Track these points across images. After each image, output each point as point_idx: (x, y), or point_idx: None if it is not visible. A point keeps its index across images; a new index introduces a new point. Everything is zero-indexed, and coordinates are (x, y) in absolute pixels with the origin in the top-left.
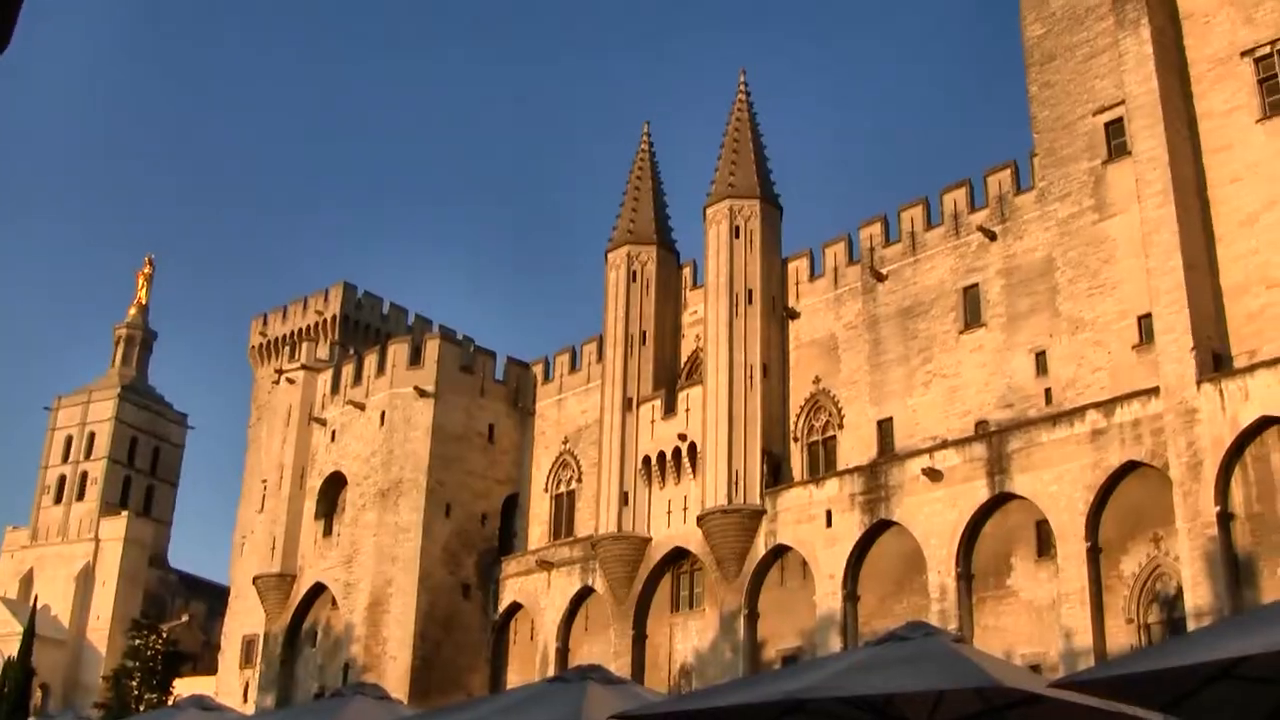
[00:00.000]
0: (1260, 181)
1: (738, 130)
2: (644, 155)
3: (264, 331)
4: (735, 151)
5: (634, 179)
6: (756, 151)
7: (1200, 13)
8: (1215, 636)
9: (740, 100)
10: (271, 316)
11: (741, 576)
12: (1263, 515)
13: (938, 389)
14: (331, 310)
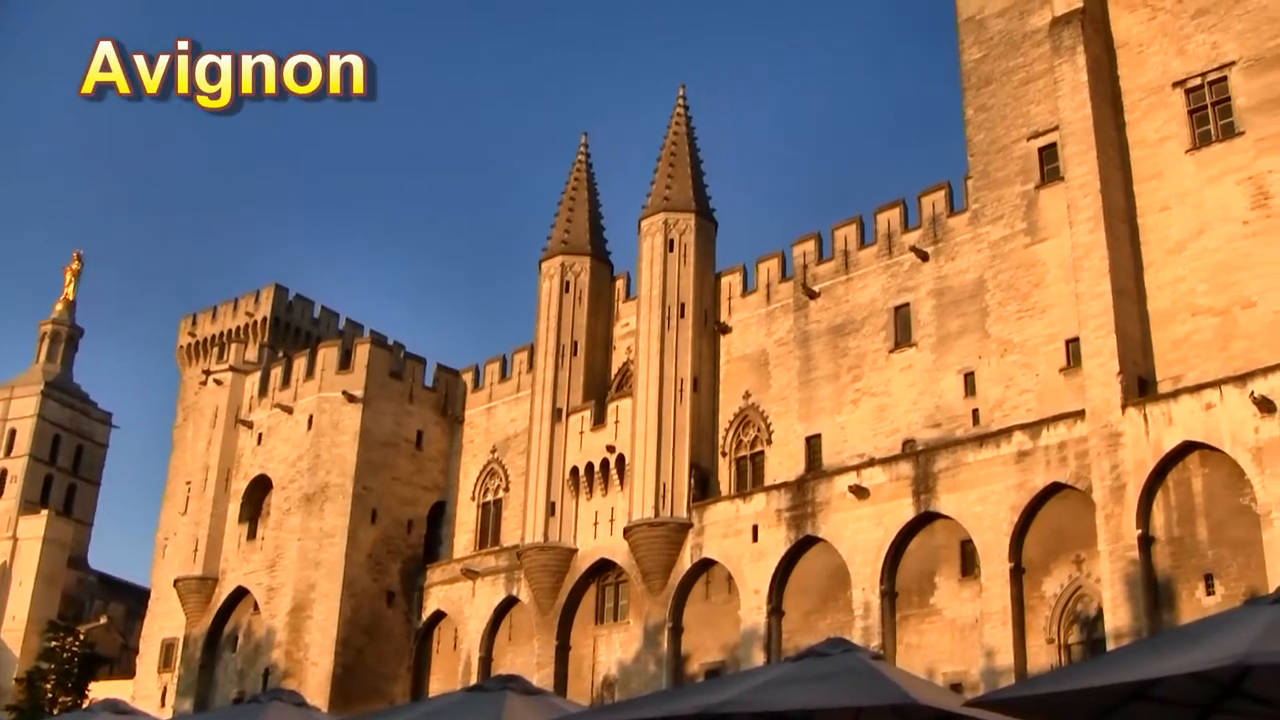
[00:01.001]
0: (1189, 210)
1: (675, 144)
2: (580, 166)
3: (193, 332)
4: (672, 165)
5: (570, 189)
6: (693, 165)
7: (1135, 43)
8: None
9: (679, 114)
10: (201, 317)
11: (667, 590)
12: (1182, 539)
13: (866, 407)
14: (262, 312)
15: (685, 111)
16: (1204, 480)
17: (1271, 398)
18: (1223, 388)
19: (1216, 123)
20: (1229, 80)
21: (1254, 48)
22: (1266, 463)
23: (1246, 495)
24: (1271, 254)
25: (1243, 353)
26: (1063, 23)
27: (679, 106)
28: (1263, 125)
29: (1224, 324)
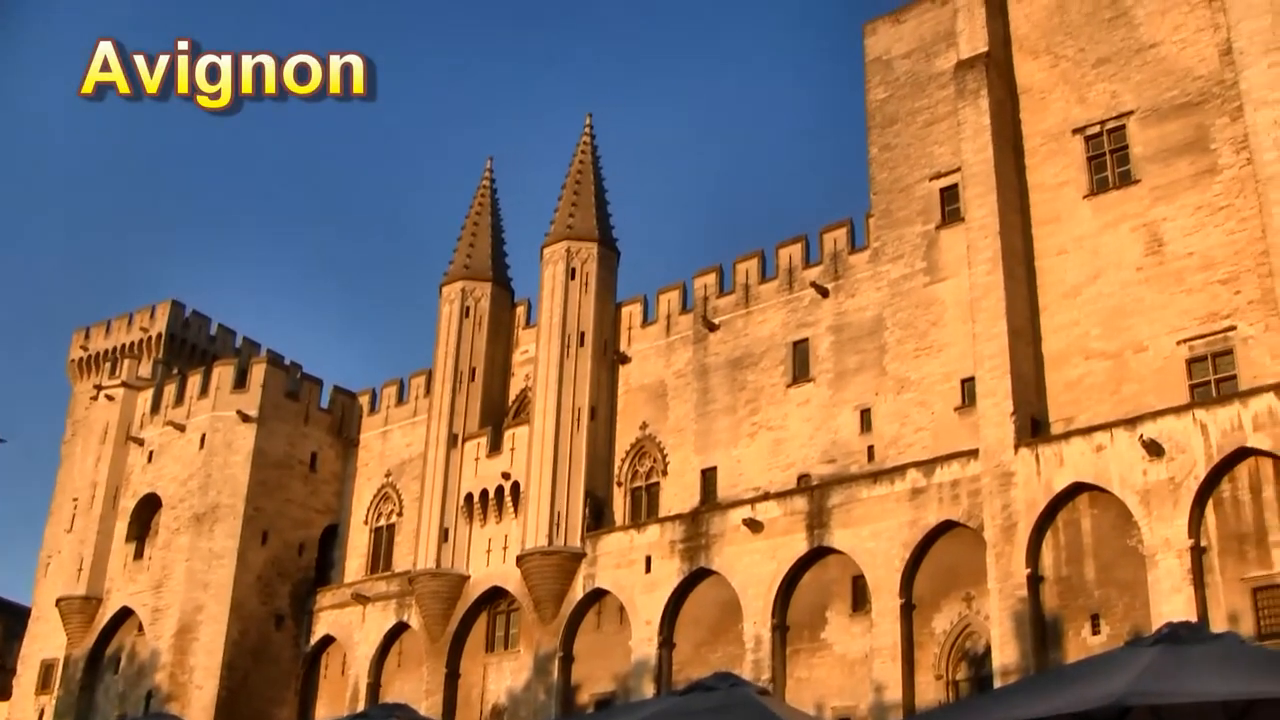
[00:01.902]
0: (1085, 255)
1: (580, 173)
2: (485, 191)
3: (85, 345)
4: (576, 194)
5: (473, 214)
6: (597, 195)
7: (1037, 89)
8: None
9: (585, 143)
10: (94, 330)
11: (558, 619)
12: (1070, 578)
13: (763, 441)
14: (157, 328)
15: (592, 140)
16: (1093, 521)
17: (1160, 441)
18: (1113, 430)
19: (1114, 170)
20: (1127, 129)
21: (1151, 98)
22: (1153, 505)
23: (1133, 537)
24: (1163, 300)
25: (1133, 396)
26: (967, 66)
27: (585, 135)
28: (1158, 174)
29: (1116, 367)
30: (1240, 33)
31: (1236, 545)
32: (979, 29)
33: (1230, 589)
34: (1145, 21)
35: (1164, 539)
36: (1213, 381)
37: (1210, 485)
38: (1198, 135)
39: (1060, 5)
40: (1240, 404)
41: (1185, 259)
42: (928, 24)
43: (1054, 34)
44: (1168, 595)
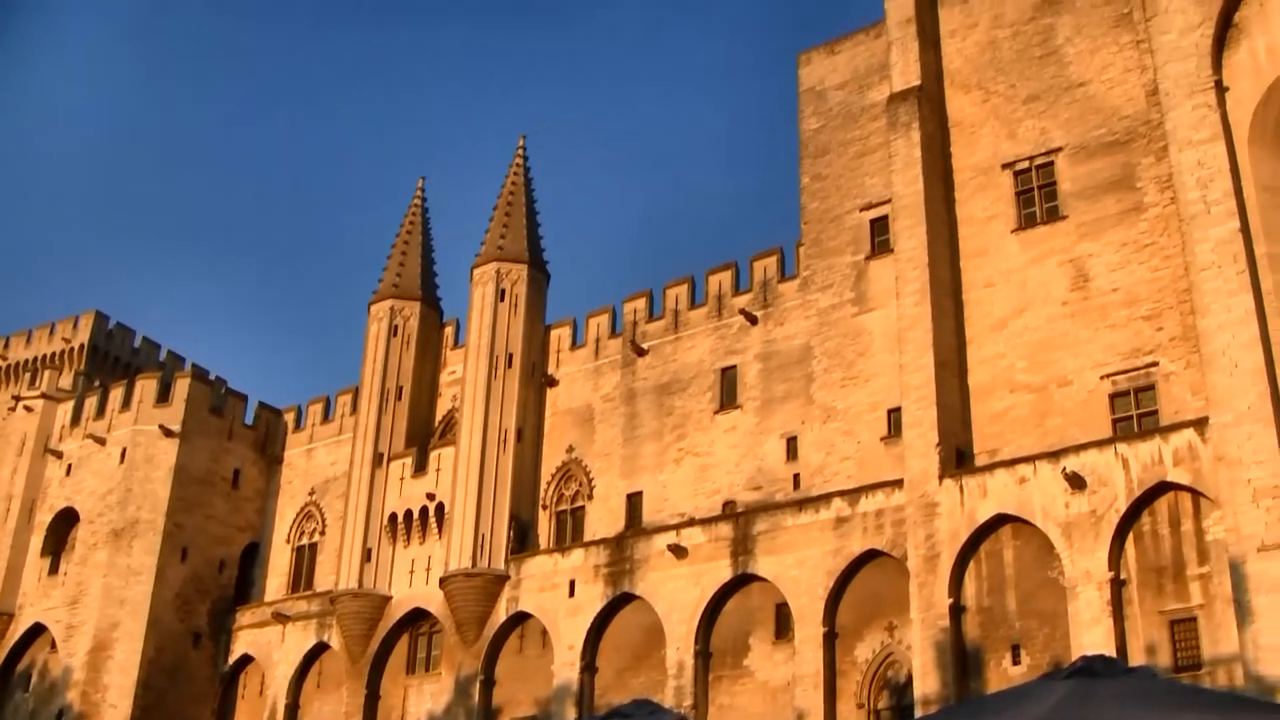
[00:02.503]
0: (1012, 289)
1: (512, 194)
2: (416, 210)
3: (4, 355)
4: (507, 215)
5: (404, 233)
6: (529, 217)
7: (968, 123)
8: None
9: (518, 164)
10: (14, 340)
11: (481, 641)
12: (992, 609)
13: (689, 466)
14: (80, 339)
15: (524, 162)
16: (1015, 552)
17: (1082, 474)
18: (1036, 463)
19: (1042, 205)
20: (1055, 165)
21: (1079, 136)
22: (1075, 537)
23: (1055, 568)
24: (1088, 335)
25: (1057, 430)
26: (900, 99)
27: (518, 156)
28: (1085, 210)
29: (1040, 401)
30: (1166, 74)
31: (1155, 578)
32: (912, 62)
33: (1148, 621)
34: (1075, 60)
35: (1084, 571)
36: (1135, 416)
37: (1130, 518)
38: (1124, 173)
39: (992, 42)
40: (1161, 439)
41: (1110, 295)
42: (861, 56)
43: (986, 70)
44: (1087, 627)
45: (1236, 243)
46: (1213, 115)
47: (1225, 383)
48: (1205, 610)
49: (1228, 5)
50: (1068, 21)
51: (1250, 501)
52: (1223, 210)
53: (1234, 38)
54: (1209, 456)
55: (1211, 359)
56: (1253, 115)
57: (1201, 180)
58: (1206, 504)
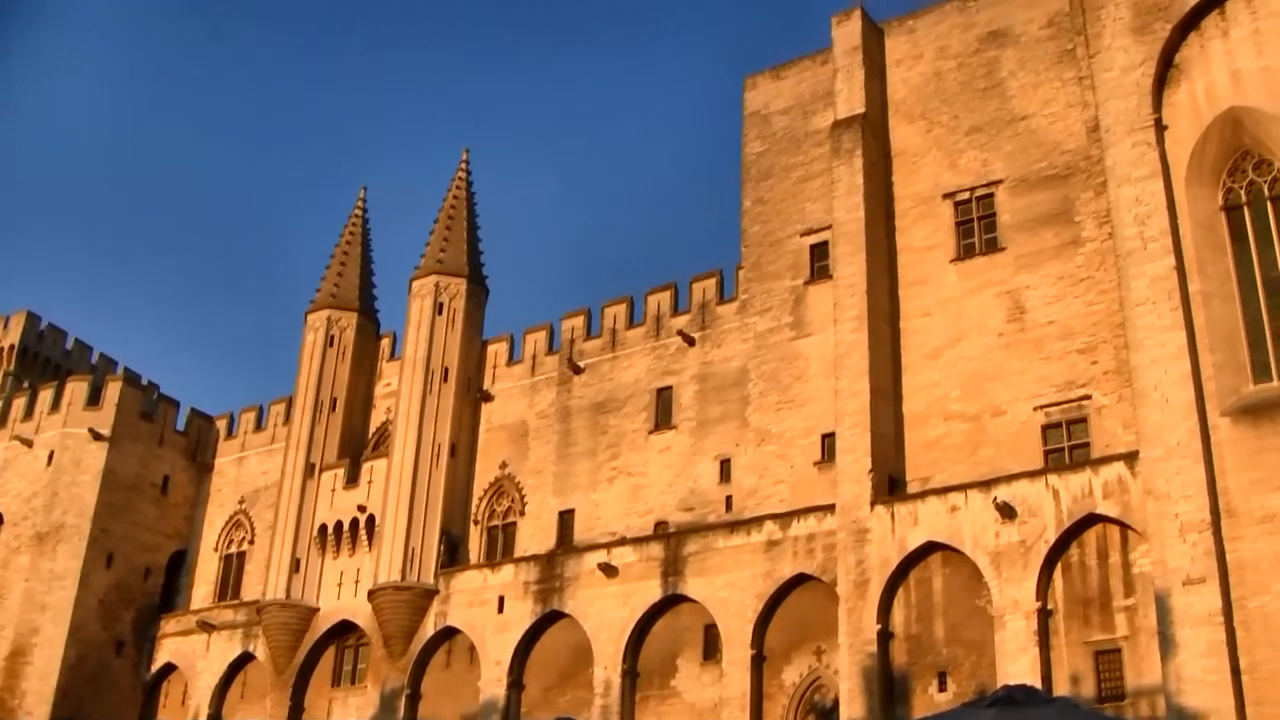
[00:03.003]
0: (948, 318)
1: (454, 207)
2: (357, 219)
3: None
4: (448, 228)
5: (344, 243)
6: (470, 230)
7: (911, 152)
8: None
9: (460, 178)
10: None
11: (408, 655)
12: (920, 636)
13: (622, 486)
14: (10, 339)
15: (467, 175)
16: (944, 580)
17: (1013, 504)
18: (968, 492)
19: (981, 236)
20: (996, 197)
21: (1020, 168)
22: (1004, 567)
23: (983, 597)
24: (1022, 366)
25: (989, 459)
26: (844, 126)
27: (461, 170)
28: (1023, 242)
29: (974, 430)
30: (1107, 111)
31: (1081, 609)
32: (857, 90)
33: (1074, 651)
34: (1018, 94)
35: (1012, 600)
36: (1066, 448)
37: (1059, 549)
38: (1063, 207)
39: (937, 73)
40: (1092, 471)
41: (1046, 327)
42: (807, 82)
43: (930, 100)
44: (1014, 656)
45: (1171, 279)
46: (1152, 153)
47: (1156, 417)
48: (1130, 642)
49: (1169, 45)
50: (1012, 55)
51: (1177, 535)
52: (1159, 247)
53: (1174, 77)
54: (1138, 490)
55: (1143, 394)
56: (1190, 154)
57: (1139, 216)
58: (1134, 537)
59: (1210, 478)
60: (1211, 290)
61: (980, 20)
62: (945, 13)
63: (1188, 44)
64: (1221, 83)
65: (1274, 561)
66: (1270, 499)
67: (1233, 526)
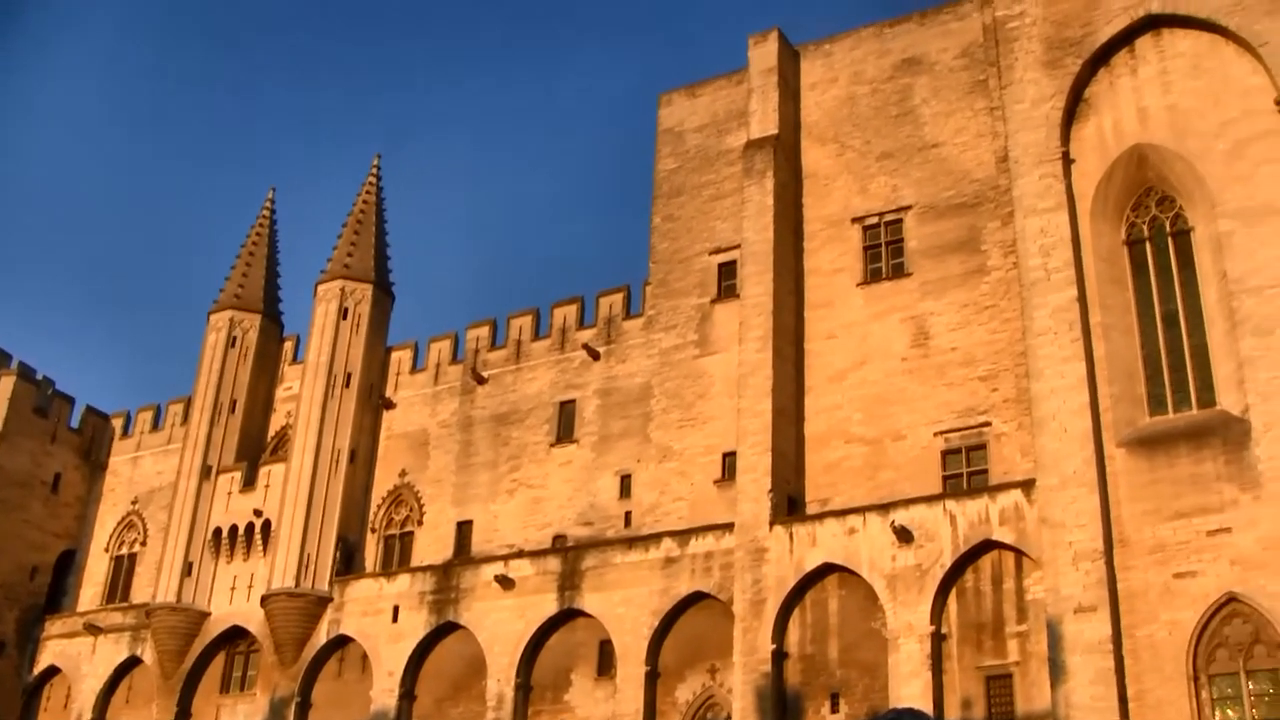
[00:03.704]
0: (853, 341)
1: (363, 213)
2: (264, 221)
3: None
4: (356, 233)
5: (250, 244)
6: (378, 236)
7: (822, 175)
8: None
9: (371, 183)
10: None
11: (299, 663)
12: (814, 657)
13: (521, 498)
14: None
15: (378, 181)
16: (840, 601)
17: (910, 528)
18: (866, 515)
19: (888, 261)
20: (904, 223)
21: (930, 196)
22: (899, 590)
23: (878, 620)
24: (924, 391)
25: (888, 483)
26: (756, 146)
27: (372, 175)
28: (929, 269)
29: (874, 453)
30: (1016, 142)
31: (975, 634)
32: (771, 111)
33: (966, 676)
34: (930, 122)
35: (907, 624)
36: (965, 474)
37: (955, 574)
38: (970, 235)
39: (851, 97)
40: (989, 498)
41: (949, 353)
42: (721, 101)
43: (843, 124)
44: (906, 679)
45: (1073, 310)
46: (1058, 185)
47: (1053, 446)
48: (1021, 667)
49: (1079, 80)
50: (925, 83)
51: (1070, 564)
52: (1062, 278)
53: (1083, 112)
54: (1034, 517)
55: (1042, 423)
56: (1096, 188)
57: (1044, 248)
58: (1028, 564)
59: (1104, 507)
60: (1111, 323)
61: (895, 47)
62: (861, 38)
63: (1097, 80)
64: (1129, 119)
65: (1163, 591)
66: (1161, 529)
67: (1124, 556)
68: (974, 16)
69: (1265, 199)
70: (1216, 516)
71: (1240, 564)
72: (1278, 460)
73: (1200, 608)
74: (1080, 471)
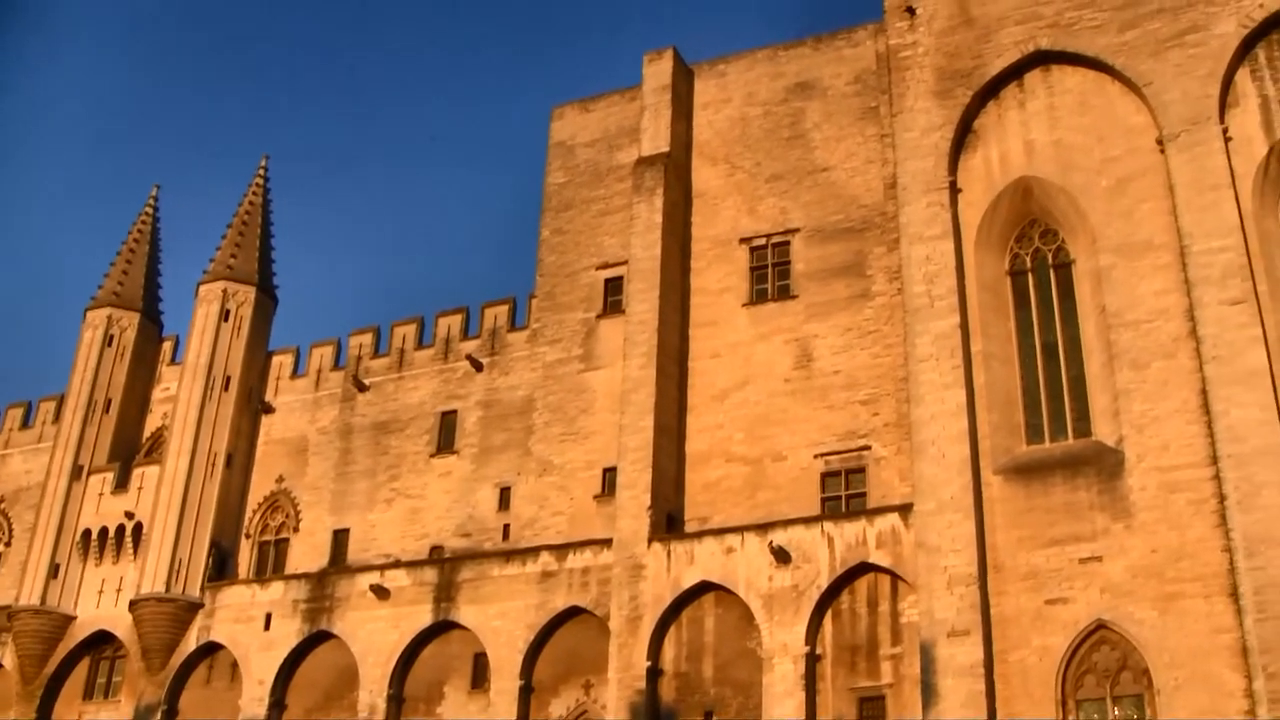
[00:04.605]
0: (736, 361)
1: (249, 214)
2: (146, 219)
3: None
4: (241, 235)
5: (131, 240)
6: (263, 239)
7: (712, 194)
8: None
9: (257, 185)
10: None
11: (167, 670)
12: (688, 674)
13: (400, 508)
14: None
15: (265, 183)
16: (716, 620)
17: (788, 549)
18: (745, 534)
19: (774, 283)
20: (791, 245)
21: (817, 219)
22: (775, 610)
23: (754, 639)
24: (806, 413)
25: (767, 503)
26: (647, 164)
27: (259, 177)
28: (815, 292)
29: (754, 473)
30: (905, 170)
31: (849, 655)
32: (663, 129)
33: (839, 697)
34: (821, 146)
35: (782, 644)
36: (843, 497)
37: (831, 596)
38: (856, 260)
39: (743, 118)
40: (867, 521)
41: (831, 376)
42: (614, 117)
43: (734, 145)
44: (780, 699)
45: (955, 338)
46: (944, 214)
47: (931, 472)
48: (894, 690)
49: (969, 112)
50: (818, 108)
51: (945, 588)
52: (945, 305)
53: (972, 143)
54: (910, 541)
55: (921, 448)
56: (981, 218)
57: (928, 275)
58: (904, 587)
59: (980, 533)
60: (992, 351)
61: (789, 71)
62: (756, 60)
63: (986, 112)
64: (1016, 152)
65: (1034, 617)
66: (1035, 556)
67: (998, 581)
68: (868, 44)
69: (1145, 235)
70: (1089, 545)
71: (1110, 592)
72: (1150, 491)
73: (1070, 634)
74: (957, 497)
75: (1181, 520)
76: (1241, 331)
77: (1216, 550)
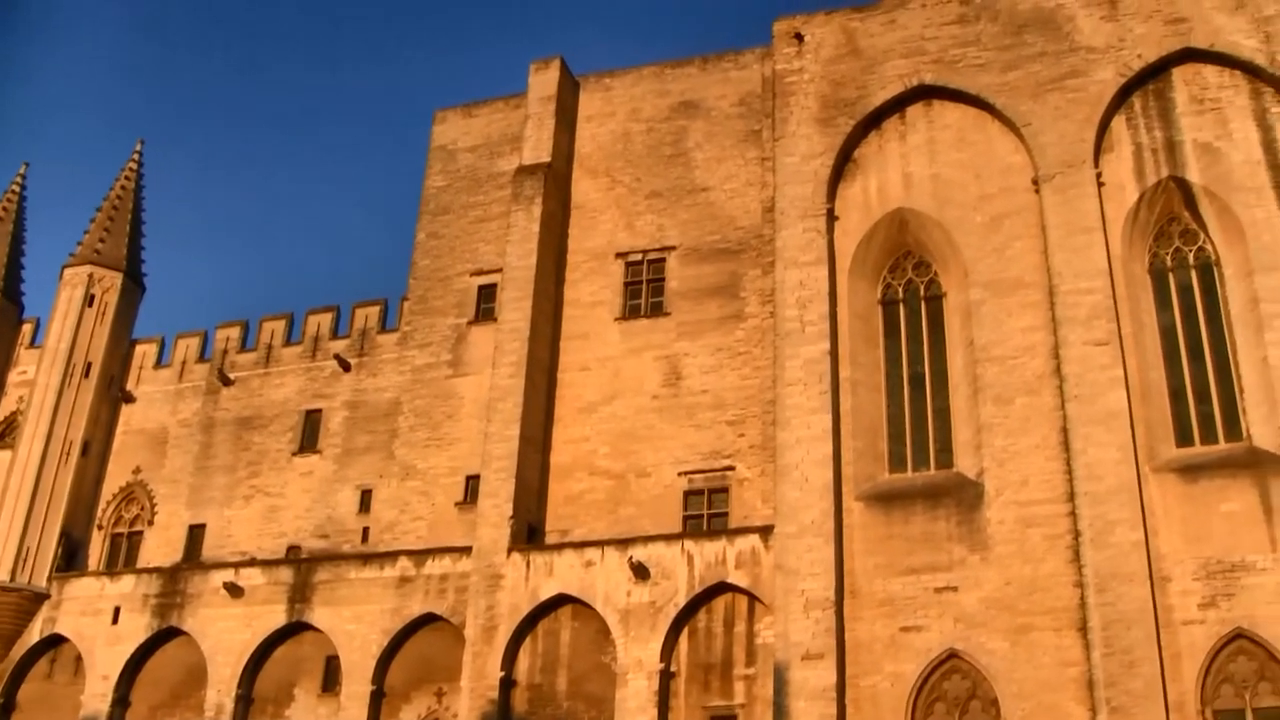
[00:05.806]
0: (606, 376)
1: (120, 198)
2: (12, 197)
3: None
4: (111, 219)
5: None
6: (133, 225)
7: (590, 207)
8: None
9: (131, 169)
10: None
11: (6, 662)
12: (542, 686)
13: (258, 505)
14: None
15: (139, 168)
16: (573, 633)
17: (648, 565)
18: (605, 548)
19: (648, 299)
20: (667, 263)
21: (694, 239)
22: (632, 626)
23: (609, 654)
24: (672, 431)
25: (629, 519)
26: (527, 173)
27: (133, 162)
28: (687, 310)
29: (617, 488)
30: (783, 194)
31: (703, 674)
32: (545, 139)
33: (691, 714)
34: (702, 166)
35: (637, 659)
36: (705, 516)
37: (688, 614)
38: (730, 281)
39: (626, 134)
40: (727, 541)
41: (699, 395)
42: (497, 124)
43: (615, 159)
44: (633, 714)
45: (824, 363)
46: (820, 240)
47: (794, 495)
48: (746, 710)
49: (850, 141)
50: (701, 128)
51: (801, 611)
52: (816, 331)
53: (851, 172)
54: (769, 563)
55: (785, 471)
56: (857, 247)
57: (801, 300)
58: (761, 608)
59: (839, 558)
60: (860, 379)
61: (675, 89)
62: (642, 76)
63: (867, 142)
64: (894, 183)
65: (888, 644)
66: (891, 583)
67: (854, 607)
68: (755, 67)
69: (1016, 273)
70: (945, 575)
71: (963, 621)
72: (1007, 524)
73: (923, 661)
74: (818, 522)
75: (1036, 554)
76: (1104, 372)
77: (1068, 585)
